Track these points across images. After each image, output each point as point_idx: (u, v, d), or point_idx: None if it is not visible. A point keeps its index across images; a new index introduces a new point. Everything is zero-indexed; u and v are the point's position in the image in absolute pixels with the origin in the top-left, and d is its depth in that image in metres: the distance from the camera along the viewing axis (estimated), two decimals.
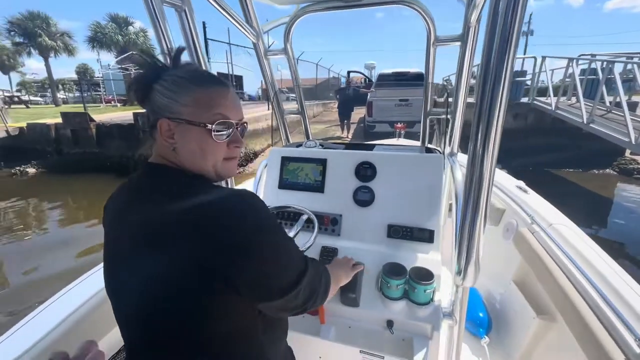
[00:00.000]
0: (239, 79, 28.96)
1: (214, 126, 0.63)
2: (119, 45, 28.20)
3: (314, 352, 1.21)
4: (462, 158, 1.57)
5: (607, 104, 6.86)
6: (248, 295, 0.58)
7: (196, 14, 1.10)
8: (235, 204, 0.58)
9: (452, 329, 1.11)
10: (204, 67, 1.10)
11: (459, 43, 1.44)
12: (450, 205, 1.39)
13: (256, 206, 0.60)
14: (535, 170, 7.75)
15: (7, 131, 10.03)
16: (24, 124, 10.23)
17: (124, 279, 0.62)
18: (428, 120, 1.74)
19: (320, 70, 22.32)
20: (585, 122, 6.20)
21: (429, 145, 1.72)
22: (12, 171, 9.24)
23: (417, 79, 8.84)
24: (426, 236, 1.29)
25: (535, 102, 8.48)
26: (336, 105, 10.99)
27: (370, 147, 1.62)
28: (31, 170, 9.41)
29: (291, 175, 1.53)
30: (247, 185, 2.27)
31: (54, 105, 25.01)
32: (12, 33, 25.86)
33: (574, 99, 7.88)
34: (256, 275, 0.58)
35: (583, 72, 8.11)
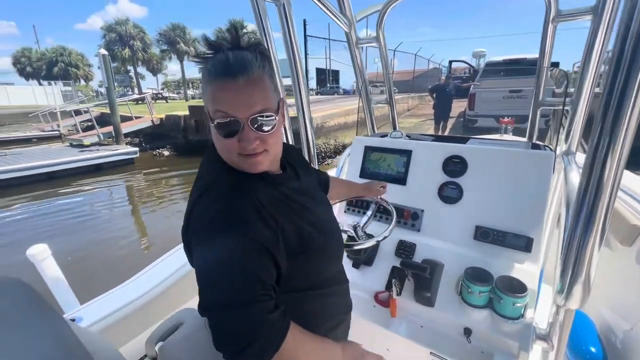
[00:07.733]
0: (335, 73, 29.97)
1: (215, 123, 0.59)
2: None
3: (382, 343, 1.20)
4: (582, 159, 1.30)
5: None
6: None
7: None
8: (201, 206, 0.62)
9: (546, 355, 0.96)
10: (297, 60, 1.18)
11: (589, 17, 1.18)
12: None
13: (219, 214, 0.59)
14: None
15: (152, 121, 12.74)
16: (163, 116, 12.75)
17: None
18: (539, 112, 1.48)
19: (420, 61, 21.14)
20: None
21: (538, 142, 1.47)
22: (153, 153, 11.79)
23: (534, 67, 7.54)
24: (522, 244, 1.14)
25: None
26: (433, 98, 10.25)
27: (464, 141, 1.48)
28: (166, 152, 11.77)
29: (373, 165, 1.52)
30: (330, 173, 2.33)
31: (184, 100, 30.24)
32: (160, 42, 32.33)
33: None
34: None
35: None
